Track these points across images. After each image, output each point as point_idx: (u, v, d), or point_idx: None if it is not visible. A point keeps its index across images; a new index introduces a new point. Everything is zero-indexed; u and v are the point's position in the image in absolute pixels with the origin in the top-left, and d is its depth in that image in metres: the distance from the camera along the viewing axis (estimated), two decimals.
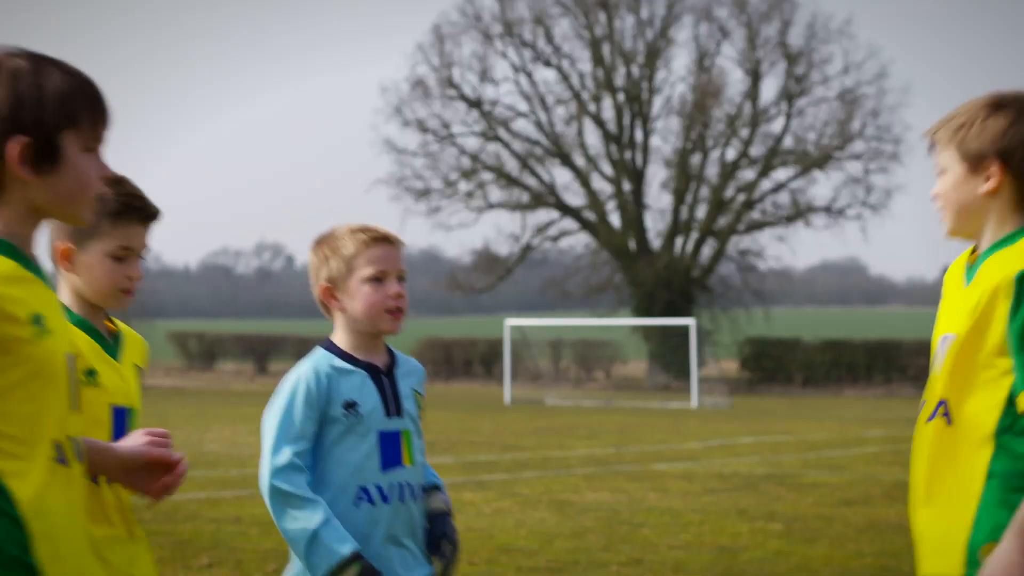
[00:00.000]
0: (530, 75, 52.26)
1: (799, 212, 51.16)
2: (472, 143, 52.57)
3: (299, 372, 4.00)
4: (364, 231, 4.08)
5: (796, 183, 51.50)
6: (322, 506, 3.84)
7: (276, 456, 3.89)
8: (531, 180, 52.19)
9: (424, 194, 52.17)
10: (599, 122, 51.95)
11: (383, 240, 4.07)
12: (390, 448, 3.99)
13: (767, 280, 53.02)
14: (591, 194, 51.74)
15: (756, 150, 51.40)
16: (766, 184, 51.64)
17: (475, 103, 52.09)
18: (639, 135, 52.17)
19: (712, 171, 51.62)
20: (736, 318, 50.99)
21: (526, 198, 52.14)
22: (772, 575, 9.69)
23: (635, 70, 51.97)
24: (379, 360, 4.08)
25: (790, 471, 17.16)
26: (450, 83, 51.98)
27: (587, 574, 9.65)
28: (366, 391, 4.01)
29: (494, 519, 12.25)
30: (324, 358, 4.04)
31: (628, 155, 51.86)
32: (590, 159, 52.00)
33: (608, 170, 52.12)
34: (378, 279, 4.03)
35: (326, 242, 4.11)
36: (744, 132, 51.22)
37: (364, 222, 4.18)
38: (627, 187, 51.66)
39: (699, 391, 37.88)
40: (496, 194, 52.46)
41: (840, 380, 46.73)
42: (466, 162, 52.39)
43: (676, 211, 51.55)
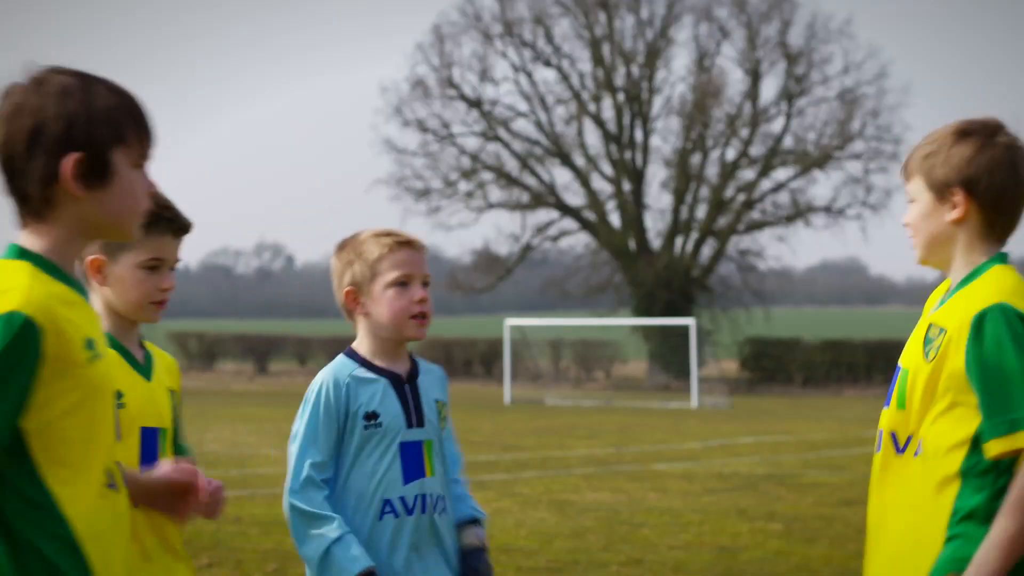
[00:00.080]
0: (530, 75, 52.26)
1: (799, 212, 51.14)
2: (472, 143, 52.63)
3: (320, 381, 3.97)
4: (388, 235, 4.03)
5: (796, 183, 51.53)
6: (335, 523, 3.82)
7: (296, 472, 3.90)
8: (531, 180, 52.19)
9: (424, 194, 52.17)
10: (599, 122, 51.94)
11: (407, 244, 4.02)
12: (412, 459, 3.95)
13: (767, 280, 52.99)
14: (591, 194, 51.73)
15: (756, 150, 51.40)
16: (766, 184, 51.67)
17: (475, 103, 52.08)
18: (639, 135, 52.17)
19: (712, 171, 51.63)
20: (736, 318, 50.97)
21: (526, 198, 52.13)
22: (772, 575, 9.69)
23: (635, 70, 51.97)
24: (401, 368, 4.04)
25: (790, 471, 17.16)
26: (450, 83, 51.98)
27: (587, 574, 9.65)
28: (387, 400, 3.97)
29: (494, 519, 12.25)
30: (345, 366, 4.00)
31: (628, 155, 51.85)
32: (590, 159, 51.99)
33: (608, 170, 52.13)
34: (403, 283, 3.98)
35: (350, 246, 4.06)
36: (744, 132, 51.21)
37: (387, 227, 4.13)
38: (627, 187, 51.65)
39: (699, 391, 37.87)
40: (496, 194, 52.49)
41: (840, 380, 46.71)
42: (466, 162, 52.40)
43: (676, 211, 51.54)
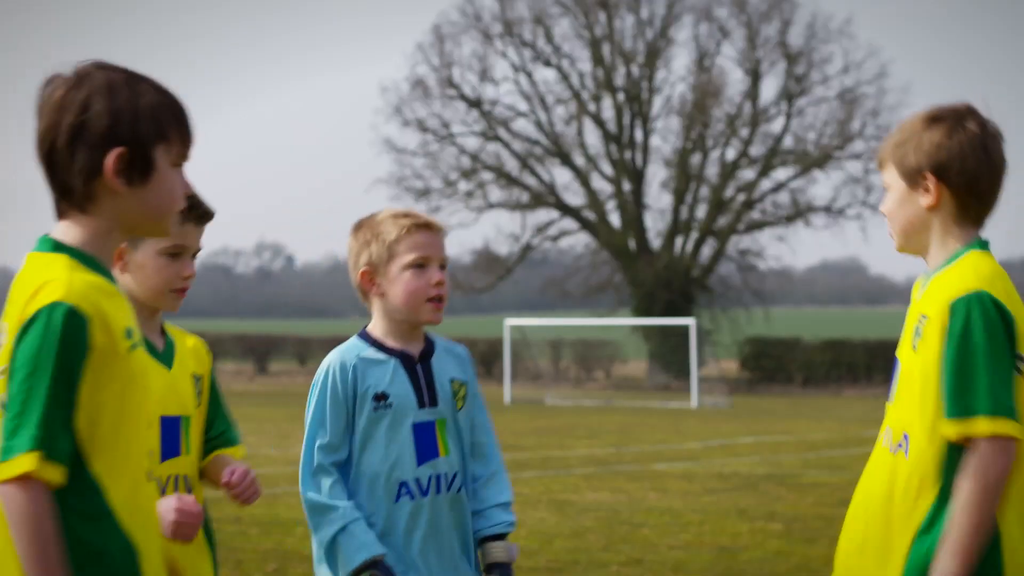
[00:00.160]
0: (530, 75, 52.25)
1: (799, 212, 51.13)
2: (472, 143, 52.62)
3: (327, 363, 3.93)
4: (407, 216, 3.99)
5: (796, 183, 51.52)
6: (340, 512, 3.80)
7: (306, 459, 3.88)
8: (531, 180, 52.18)
9: (424, 194, 52.15)
10: (599, 122, 51.94)
11: (426, 226, 3.98)
12: (425, 439, 3.91)
13: (767, 280, 52.98)
14: (591, 194, 51.73)
15: (756, 150, 51.39)
16: (766, 184, 51.67)
17: (475, 103, 52.07)
18: (639, 135, 52.17)
19: (712, 171, 51.62)
20: (736, 318, 50.96)
21: (526, 198, 52.13)
22: (772, 575, 9.69)
23: (635, 70, 51.96)
24: (414, 348, 3.99)
25: (790, 471, 17.16)
26: (450, 83, 51.97)
27: (587, 574, 9.65)
28: (397, 381, 3.92)
29: None
30: (354, 348, 3.96)
31: (628, 155, 51.85)
32: (590, 159, 51.99)
33: (608, 170, 52.13)
34: (420, 266, 3.94)
35: (367, 226, 4.02)
36: (744, 132, 51.21)
37: (406, 208, 4.09)
38: (627, 187, 51.65)
39: (699, 391, 37.87)
40: (496, 194, 52.49)
41: (840, 380, 46.70)
42: (466, 162, 52.39)
43: (676, 211, 51.54)
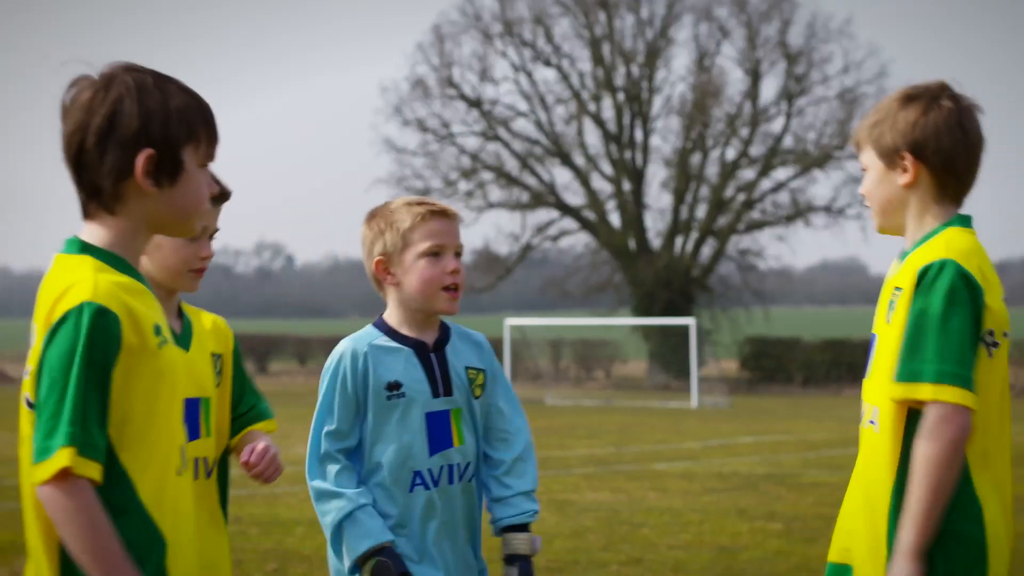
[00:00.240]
0: (530, 75, 52.24)
1: (799, 212, 51.13)
2: (472, 143, 52.61)
3: (339, 351, 3.89)
4: (421, 204, 3.94)
5: (796, 183, 51.51)
6: (345, 499, 3.76)
7: (313, 446, 3.84)
8: (531, 180, 52.18)
9: (424, 194, 52.09)
10: (599, 122, 51.94)
11: (441, 214, 3.93)
12: (439, 429, 3.86)
13: (767, 280, 52.98)
14: (591, 194, 51.73)
15: (756, 150, 51.38)
16: (766, 184, 51.66)
17: (475, 103, 52.07)
18: (639, 135, 52.17)
19: (712, 171, 51.62)
20: (736, 318, 50.97)
21: (526, 198, 52.12)
22: (772, 575, 9.69)
23: (635, 70, 51.96)
24: (429, 337, 3.93)
25: (790, 471, 17.16)
26: (450, 83, 51.96)
27: (587, 574, 9.64)
28: (411, 370, 3.87)
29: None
30: (367, 336, 3.91)
31: (628, 155, 51.84)
32: (590, 159, 51.98)
33: (608, 170, 52.12)
34: (435, 254, 3.89)
35: (381, 215, 3.97)
36: (744, 132, 51.21)
37: (420, 196, 4.05)
38: (627, 187, 51.64)
39: (699, 391, 37.87)
40: (496, 194, 52.48)
41: (840, 380, 46.69)
42: (466, 162, 52.39)
43: (676, 211, 51.53)
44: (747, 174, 51.56)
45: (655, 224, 52.16)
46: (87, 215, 2.82)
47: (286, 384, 47.99)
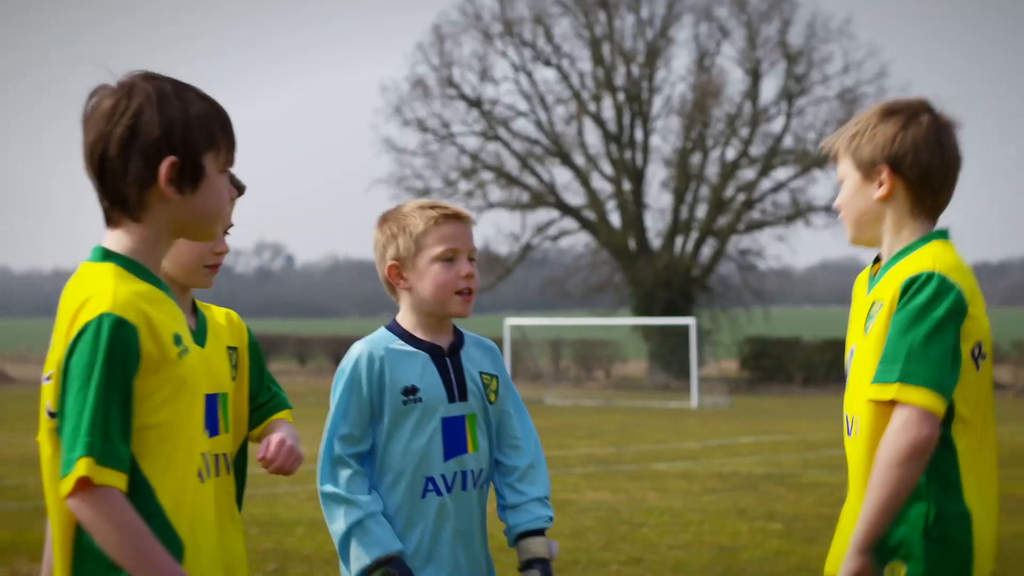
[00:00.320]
0: (530, 74, 52.25)
1: (799, 211, 51.14)
2: (472, 143, 52.62)
3: (355, 353, 3.85)
4: (434, 207, 3.90)
5: (796, 183, 51.51)
6: (355, 507, 3.73)
7: (326, 450, 3.81)
8: (531, 180, 52.18)
9: (424, 194, 52.04)
10: (599, 122, 51.94)
11: (454, 217, 3.89)
12: (454, 434, 3.83)
13: (767, 280, 52.98)
14: (591, 194, 51.73)
15: (756, 150, 51.38)
16: (766, 184, 51.66)
17: (475, 103, 52.07)
18: (639, 135, 52.17)
19: (712, 171, 51.63)
20: (736, 318, 50.97)
21: (526, 198, 52.12)
22: (772, 575, 9.69)
23: (635, 70, 51.96)
24: (443, 341, 3.90)
25: (790, 471, 17.16)
26: (450, 83, 51.96)
27: (587, 574, 9.65)
28: (427, 374, 3.84)
29: (493, 518, 12.25)
30: (382, 339, 3.87)
31: (628, 155, 51.84)
32: (590, 159, 51.99)
33: (608, 170, 52.13)
34: (448, 258, 3.85)
35: (393, 218, 3.92)
36: (744, 132, 51.21)
37: (432, 199, 4.01)
38: (627, 187, 51.65)
39: (699, 391, 37.87)
40: (496, 194, 52.48)
41: (840, 380, 46.64)
42: (466, 162, 52.39)
43: (676, 211, 51.54)
44: (747, 174, 51.59)
45: (655, 224, 52.22)
46: (110, 222, 2.85)
47: (286, 384, 47.99)
